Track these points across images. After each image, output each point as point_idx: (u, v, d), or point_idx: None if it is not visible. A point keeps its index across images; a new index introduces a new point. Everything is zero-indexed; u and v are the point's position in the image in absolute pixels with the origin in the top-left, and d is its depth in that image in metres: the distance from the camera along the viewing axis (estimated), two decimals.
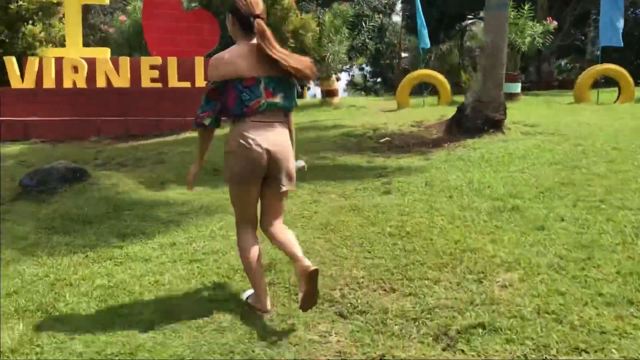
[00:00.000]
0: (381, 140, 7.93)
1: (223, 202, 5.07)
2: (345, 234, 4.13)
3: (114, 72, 10.83)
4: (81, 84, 10.76)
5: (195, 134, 6.26)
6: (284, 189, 3.02)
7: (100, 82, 10.84)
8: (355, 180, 5.65)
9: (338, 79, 13.78)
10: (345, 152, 7.24)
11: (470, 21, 25.95)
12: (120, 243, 4.18)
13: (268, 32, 2.91)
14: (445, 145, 7.42)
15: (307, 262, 2.84)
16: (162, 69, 10.81)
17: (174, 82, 10.75)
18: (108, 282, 3.50)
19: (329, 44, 12.66)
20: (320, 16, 13.03)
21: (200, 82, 10.87)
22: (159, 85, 10.83)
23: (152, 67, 10.83)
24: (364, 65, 31.10)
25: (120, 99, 10.57)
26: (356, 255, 3.76)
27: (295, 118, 3.21)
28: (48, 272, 3.69)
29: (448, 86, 12.60)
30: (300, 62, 2.96)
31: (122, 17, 13.70)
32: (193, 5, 12.38)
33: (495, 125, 7.68)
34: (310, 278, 2.78)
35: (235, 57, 2.90)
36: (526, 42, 12.63)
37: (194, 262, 3.77)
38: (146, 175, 6.20)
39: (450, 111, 10.20)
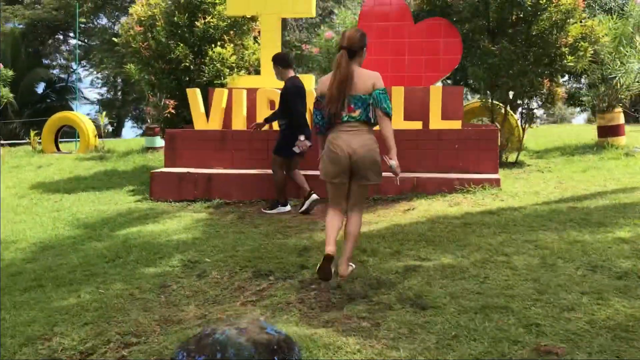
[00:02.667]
0: None
1: None
2: None
3: None
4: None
5: None
6: (365, 182, 3.90)
7: None
8: None
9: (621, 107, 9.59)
10: None
11: None
12: None
13: (338, 60, 3.81)
14: None
15: (343, 269, 3.84)
16: None
17: (399, 121, 7.62)
18: None
19: (618, 60, 8.65)
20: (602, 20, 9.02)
21: (437, 121, 7.63)
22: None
23: None
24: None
25: None
26: None
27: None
28: None
29: None
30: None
31: (329, 34, 11.04)
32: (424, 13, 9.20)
33: None
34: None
35: (328, 79, 3.88)
36: None
37: None
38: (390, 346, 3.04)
39: None
